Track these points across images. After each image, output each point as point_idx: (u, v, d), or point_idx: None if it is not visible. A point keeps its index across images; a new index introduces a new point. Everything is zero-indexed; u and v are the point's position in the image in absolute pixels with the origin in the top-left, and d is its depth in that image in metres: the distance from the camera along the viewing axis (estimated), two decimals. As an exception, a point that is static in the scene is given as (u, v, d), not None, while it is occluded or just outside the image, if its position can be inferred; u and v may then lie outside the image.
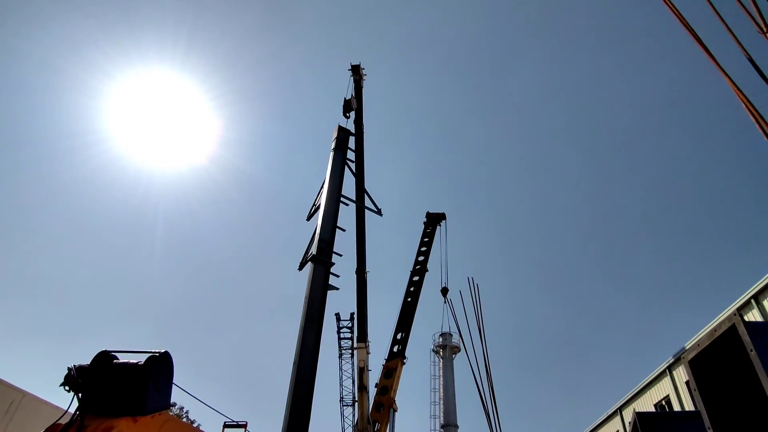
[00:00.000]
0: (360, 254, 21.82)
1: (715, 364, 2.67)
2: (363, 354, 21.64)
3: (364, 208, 21.75)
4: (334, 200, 19.22)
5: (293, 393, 14.28)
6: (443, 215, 30.58)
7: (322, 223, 18.26)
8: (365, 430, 23.05)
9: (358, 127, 22.82)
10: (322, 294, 16.74)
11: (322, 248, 17.41)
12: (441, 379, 50.49)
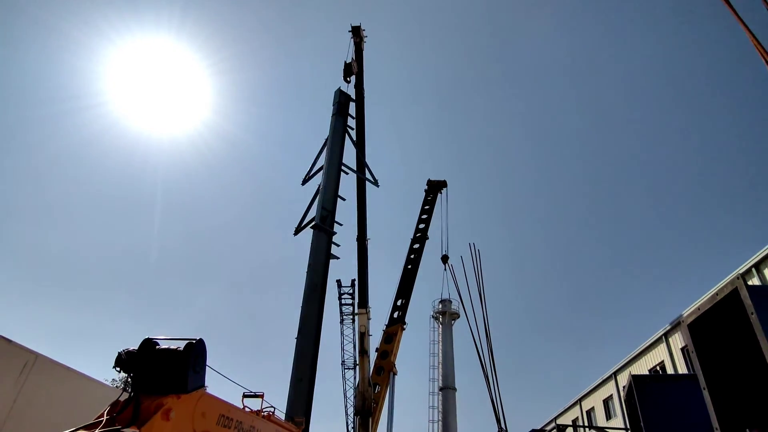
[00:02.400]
0: (360, 221, 21.84)
1: (713, 329, 2.65)
2: (364, 319, 21.94)
3: (364, 175, 21.59)
4: (335, 168, 19.03)
5: (298, 358, 14.53)
6: (444, 183, 30.42)
7: (324, 192, 18.15)
8: (366, 392, 23.59)
9: (358, 91, 22.31)
10: (324, 262, 16.83)
11: (325, 217, 17.38)
12: (440, 344, 51.39)
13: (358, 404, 24.25)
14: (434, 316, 53.65)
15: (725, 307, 2.39)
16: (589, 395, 35.58)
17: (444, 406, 48.73)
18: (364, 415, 24.19)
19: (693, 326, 2.63)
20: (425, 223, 28.51)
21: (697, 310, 2.57)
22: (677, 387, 4.66)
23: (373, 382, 25.44)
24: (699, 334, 2.61)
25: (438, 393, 49.47)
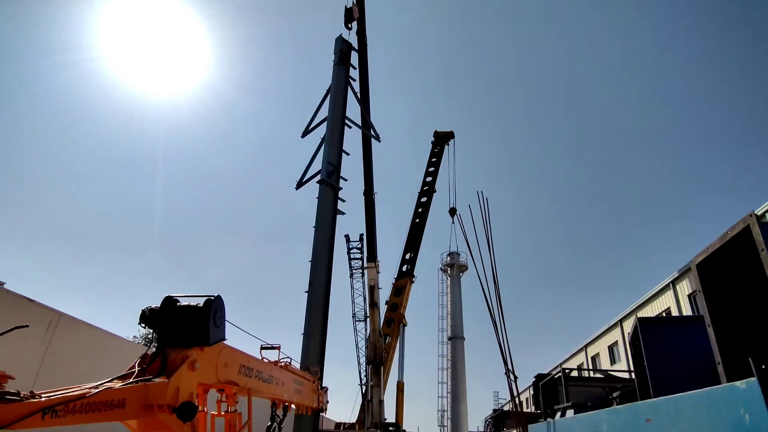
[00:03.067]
0: (367, 176, 21.74)
1: (722, 270, 2.69)
2: (373, 273, 22.26)
3: (369, 128, 21.28)
4: (338, 121, 18.67)
5: (310, 312, 14.85)
6: (451, 134, 30.00)
7: (328, 146, 17.93)
8: (377, 343, 24.26)
9: (360, 39, 21.48)
10: (332, 217, 16.90)
11: (331, 172, 17.28)
12: (449, 296, 52.32)
13: (369, 354, 25.00)
14: (443, 268, 54.36)
15: (736, 246, 2.41)
16: (595, 342, 36.30)
17: (453, 355, 50.15)
18: (376, 365, 24.97)
19: (702, 266, 2.67)
20: (432, 176, 28.35)
21: (706, 249, 2.59)
22: (682, 328, 4.77)
23: (384, 333, 26.10)
24: (707, 274, 2.66)
25: (447, 342, 50.80)
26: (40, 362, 11.06)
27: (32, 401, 3.21)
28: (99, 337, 13.51)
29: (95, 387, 3.69)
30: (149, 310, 4.90)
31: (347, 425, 22.97)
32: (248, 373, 5.96)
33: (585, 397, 8.60)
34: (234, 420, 5.78)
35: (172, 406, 4.12)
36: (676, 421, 2.45)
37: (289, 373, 7.44)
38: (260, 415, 7.44)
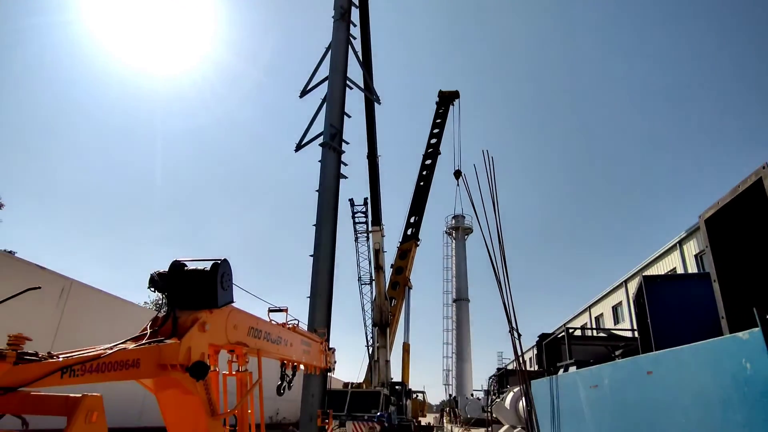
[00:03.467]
0: (370, 138, 21.51)
1: (731, 226, 2.67)
2: (378, 237, 22.35)
3: (372, 88, 20.89)
4: (339, 81, 18.25)
5: (316, 275, 15.00)
6: (456, 93, 29.50)
7: (330, 107, 17.63)
8: (383, 306, 24.61)
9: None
10: (335, 181, 16.84)
11: (333, 135, 17.10)
12: (453, 259, 52.71)
13: (375, 317, 25.40)
14: (447, 231, 54.54)
15: (747, 200, 2.37)
16: (599, 302, 36.64)
17: (458, 316, 50.92)
18: (382, 327, 25.40)
19: (710, 221, 2.65)
20: (437, 137, 28.05)
21: (716, 204, 2.57)
22: (687, 285, 4.80)
23: (390, 296, 26.43)
24: (716, 230, 2.64)
25: (452, 304, 51.52)
26: (56, 327, 11.34)
27: (51, 361, 3.30)
28: (111, 302, 13.82)
29: (110, 348, 3.79)
30: (157, 274, 4.99)
31: (355, 385, 23.54)
32: (257, 334, 6.10)
33: (588, 355, 8.76)
34: (245, 379, 5.94)
35: (184, 366, 4.24)
36: (677, 373, 2.50)
37: (297, 334, 7.59)
38: (270, 375, 7.66)
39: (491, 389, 15.54)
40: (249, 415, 6.13)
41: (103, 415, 3.26)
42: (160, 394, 4.88)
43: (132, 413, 13.56)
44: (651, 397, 2.85)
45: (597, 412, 3.87)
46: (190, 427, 5.10)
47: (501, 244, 5.02)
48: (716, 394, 2.19)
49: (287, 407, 26.19)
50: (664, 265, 26.51)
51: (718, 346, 2.17)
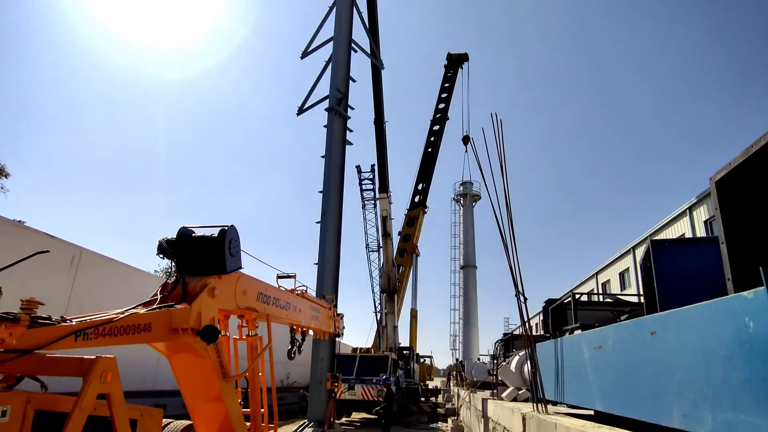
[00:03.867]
0: (377, 104, 21.22)
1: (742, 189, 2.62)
2: (385, 204, 22.33)
3: (377, 53, 20.49)
4: (344, 43, 17.85)
5: (323, 241, 15.10)
6: (465, 56, 28.84)
7: (335, 71, 17.30)
8: (391, 273, 24.83)
9: None
10: (342, 147, 16.74)
11: (339, 99, 16.88)
12: (461, 226, 52.73)
13: (383, 284, 25.66)
14: (455, 198, 54.44)
15: (759, 161, 2.32)
16: (606, 269, 36.70)
17: (465, 283, 51.32)
18: (389, 293, 25.70)
19: (721, 183, 2.61)
20: (445, 102, 27.59)
21: (727, 165, 2.52)
22: (695, 249, 4.79)
23: (397, 264, 26.63)
24: (726, 192, 2.60)
25: (459, 271, 51.84)
26: (68, 295, 11.57)
27: (64, 325, 3.39)
28: (121, 270, 14.05)
29: (122, 313, 3.87)
30: (166, 241, 5.01)
31: (364, 350, 23.98)
32: (266, 300, 6.19)
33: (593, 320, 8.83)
34: (255, 343, 6.06)
35: (195, 330, 4.33)
36: (680, 333, 2.52)
37: (306, 300, 7.70)
38: (281, 340, 7.81)
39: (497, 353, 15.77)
40: (260, 379, 6.28)
41: (117, 376, 3.36)
42: (173, 358, 5.00)
43: (147, 377, 13.95)
44: (654, 357, 2.88)
45: (600, 372, 3.93)
46: (203, 390, 5.24)
47: (508, 208, 5.00)
48: (719, 353, 2.21)
49: (298, 371, 26.78)
50: (674, 231, 26.39)
51: (721, 305, 2.18)
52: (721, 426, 2.23)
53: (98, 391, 3.14)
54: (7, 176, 29.04)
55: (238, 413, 5.63)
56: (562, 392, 5.19)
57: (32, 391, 3.00)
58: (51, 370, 3.29)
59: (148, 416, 3.98)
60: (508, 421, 6.57)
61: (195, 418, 5.57)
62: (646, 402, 3.10)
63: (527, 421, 5.14)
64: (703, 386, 2.36)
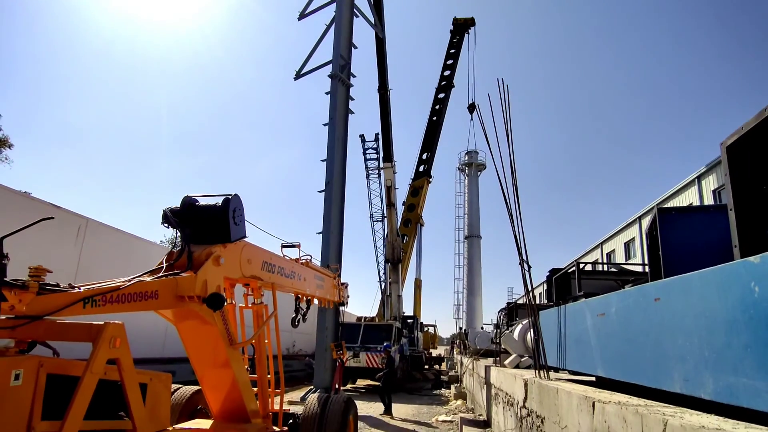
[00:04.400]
0: (381, 71, 20.86)
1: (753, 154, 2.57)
2: (389, 173, 22.21)
3: (382, 19, 20.01)
4: (348, 10, 17.42)
5: (328, 211, 15.07)
6: (472, 21, 28.17)
7: (338, 37, 16.93)
8: (395, 243, 24.93)
9: None
10: (345, 115, 16.54)
11: (343, 66, 16.58)
12: (466, 195, 52.62)
13: (387, 253, 25.80)
14: (460, 168, 54.14)
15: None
16: (612, 238, 36.66)
17: (469, 253, 51.53)
18: (393, 263, 25.86)
19: (732, 148, 2.56)
20: (451, 69, 27.11)
21: (739, 130, 2.47)
22: (702, 217, 4.75)
23: (401, 233, 26.70)
24: (737, 157, 2.55)
25: (464, 241, 52.01)
26: (76, 265, 11.72)
27: (73, 292, 3.44)
28: (127, 239, 14.17)
29: (128, 280, 3.91)
30: (170, 210, 5.02)
31: (368, 319, 24.28)
32: (271, 268, 6.24)
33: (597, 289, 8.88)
34: (261, 311, 6.13)
35: (201, 298, 4.38)
36: (685, 299, 2.52)
37: (310, 269, 7.76)
38: (286, 308, 7.91)
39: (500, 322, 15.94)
40: (266, 346, 6.39)
41: (126, 341, 3.42)
42: (180, 325, 5.08)
43: (155, 345, 14.22)
44: (657, 324, 2.90)
45: (603, 339, 3.96)
46: (210, 356, 5.34)
47: (514, 176, 4.96)
48: (722, 318, 2.22)
49: (303, 339, 27.22)
50: (681, 201, 26.19)
51: (727, 270, 2.17)
52: (722, 389, 2.25)
53: (108, 356, 3.20)
54: (11, 147, 29.03)
55: (246, 379, 5.76)
56: (564, 359, 5.26)
57: (44, 356, 3.06)
58: (61, 335, 3.35)
59: (158, 380, 4.06)
60: (511, 387, 6.68)
61: (203, 384, 5.70)
62: (647, 368, 3.14)
63: (529, 387, 5.22)
64: (705, 351, 2.38)
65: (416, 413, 14.71)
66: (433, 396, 19.95)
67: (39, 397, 2.79)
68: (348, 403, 6.70)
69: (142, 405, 3.56)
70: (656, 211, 4.70)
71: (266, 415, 6.27)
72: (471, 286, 50.82)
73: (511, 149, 4.88)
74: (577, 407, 3.38)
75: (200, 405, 6.79)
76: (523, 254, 5.12)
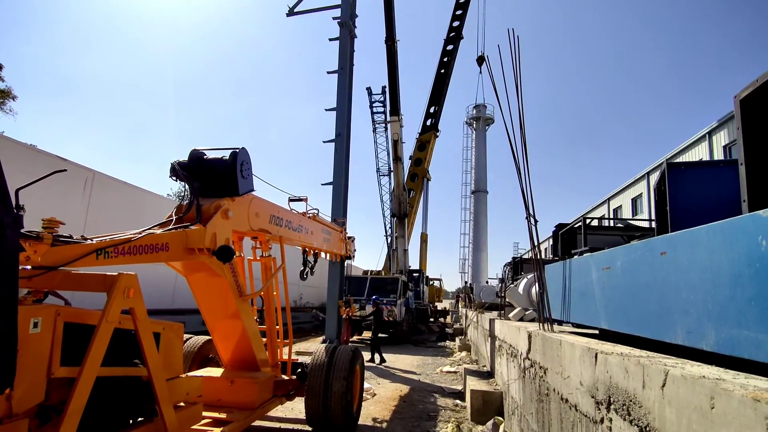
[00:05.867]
0: (388, 21, 20.27)
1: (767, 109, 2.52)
2: (396, 127, 21.95)
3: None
4: None
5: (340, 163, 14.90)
6: (481, -29, 27.23)
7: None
8: (401, 197, 24.95)
9: None
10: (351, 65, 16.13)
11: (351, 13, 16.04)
12: (473, 150, 52.15)
13: (394, 208, 25.87)
14: (468, 122, 53.43)
15: None
16: (619, 194, 36.52)
17: (476, 207, 51.56)
18: (400, 217, 25.97)
19: (745, 102, 2.51)
20: (460, 19, 26.27)
21: (754, 83, 2.42)
22: (712, 172, 4.70)
23: (408, 188, 26.67)
24: (750, 111, 2.50)
25: (470, 196, 51.94)
26: (84, 218, 11.84)
27: (86, 243, 3.49)
28: (135, 193, 14.25)
29: (139, 233, 3.96)
30: (178, 163, 5.03)
31: (374, 272, 24.61)
32: (278, 222, 6.30)
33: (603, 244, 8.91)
34: (269, 263, 6.24)
35: (211, 250, 4.45)
36: (690, 253, 2.53)
37: (317, 223, 7.82)
38: (294, 261, 8.01)
39: (506, 276, 16.11)
40: (274, 298, 6.53)
41: (140, 291, 3.50)
42: (190, 277, 5.19)
43: (166, 296, 14.55)
44: (662, 277, 2.92)
45: (607, 292, 4.01)
46: (220, 307, 5.48)
47: (522, 129, 4.89)
48: (728, 272, 2.23)
49: (310, 292, 27.72)
50: (691, 156, 25.92)
51: (735, 224, 2.17)
52: (724, 341, 2.29)
53: (122, 305, 3.28)
54: (15, 98, 28.83)
55: (255, 330, 5.92)
56: (568, 312, 5.34)
57: (60, 305, 3.15)
58: (76, 286, 3.43)
59: (170, 330, 4.18)
60: (515, 339, 6.82)
61: (214, 334, 5.87)
62: (651, 320, 3.19)
63: (533, 339, 5.33)
64: (708, 304, 2.41)
65: (421, 364, 15.14)
66: (438, 348, 20.46)
67: (57, 345, 2.89)
68: (355, 353, 6.89)
69: (156, 353, 3.68)
70: (665, 165, 4.65)
71: (275, 365, 6.49)
72: (477, 240, 51.10)
73: (520, 103, 4.79)
74: (580, 358, 3.46)
75: (211, 354, 7.01)
76: (530, 209, 5.11)
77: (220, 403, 5.42)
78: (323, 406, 6.14)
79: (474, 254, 50.77)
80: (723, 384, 1.89)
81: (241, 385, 5.58)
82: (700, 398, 1.95)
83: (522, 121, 4.81)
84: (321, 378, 6.29)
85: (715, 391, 1.86)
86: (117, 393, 3.48)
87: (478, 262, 50.52)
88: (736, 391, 1.78)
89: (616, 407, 2.77)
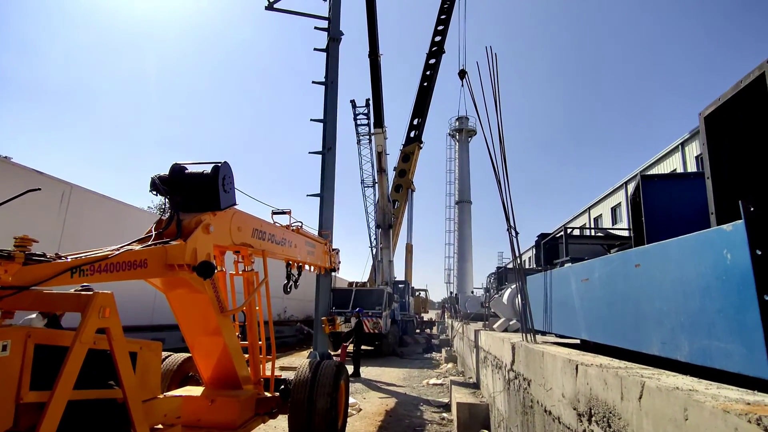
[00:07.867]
0: (371, 36, 20.45)
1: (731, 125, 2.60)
2: (380, 139, 22.09)
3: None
4: None
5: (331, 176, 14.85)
6: (462, -17, 27.55)
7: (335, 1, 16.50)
8: (386, 208, 24.99)
9: None
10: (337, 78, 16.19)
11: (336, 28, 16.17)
12: (456, 161, 52.58)
13: (378, 219, 25.89)
14: (451, 133, 53.90)
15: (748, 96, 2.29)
16: (599, 204, 37.05)
17: (460, 218, 51.87)
18: (385, 228, 25.97)
19: (710, 119, 2.59)
20: (441, 35, 26.60)
21: (716, 101, 2.50)
22: (684, 184, 4.82)
23: (393, 199, 26.73)
24: (715, 127, 2.58)
25: (454, 206, 52.25)
26: (60, 233, 11.61)
27: (60, 261, 3.42)
28: (113, 206, 13.99)
29: (117, 249, 3.90)
30: (158, 177, 4.97)
31: (360, 284, 24.53)
32: (261, 236, 6.24)
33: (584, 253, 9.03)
34: (251, 278, 6.17)
35: (191, 266, 4.38)
36: (662, 265, 2.58)
37: (301, 236, 7.78)
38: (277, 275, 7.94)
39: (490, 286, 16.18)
40: (257, 312, 6.44)
41: (116, 310, 3.43)
42: (170, 294, 5.09)
43: (145, 312, 14.24)
44: (637, 289, 2.97)
45: (586, 303, 4.06)
46: (201, 324, 5.38)
47: (502, 143, 4.96)
48: (697, 284, 2.28)
49: (295, 305, 27.49)
50: (666, 167, 26.49)
51: (702, 238, 2.22)
52: (697, 352, 2.33)
53: (97, 325, 3.21)
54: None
55: (236, 345, 5.83)
56: (550, 323, 5.38)
57: (32, 327, 3.07)
58: (49, 306, 3.35)
59: (148, 349, 4.09)
60: (499, 351, 6.84)
61: (194, 351, 5.76)
62: (628, 331, 3.23)
63: (516, 350, 5.35)
64: (681, 316, 2.45)
65: (407, 376, 15.07)
66: (424, 360, 20.39)
67: (27, 368, 2.81)
68: (339, 368, 6.83)
69: (132, 374, 3.59)
70: (639, 177, 4.75)
71: (258, 381, 6.39)
72: (462, 250, 51.33)
73: (499, 117, 4.86)
74: (562, 370, 3.48)
75: (191, 372, 6.88)
76: (510, 221, 5.16)
77: (200, 424, 5.30)
78: (307, 424, 6.05)
79: (459, 264, 50.95)
80: (695, 395, 1.92)
81: (222, 403, 5.47)
82: (674, 410, 1.98)
83: (501, 135, 4.88)
84: (305, 394, 6.21)
85: (688, 402, 1.89)
86: (90, 417, 3.39)
87: (464, 272, 50.71)
88: (708, 402, 1.80)
89: (597, 419, 2.79)
